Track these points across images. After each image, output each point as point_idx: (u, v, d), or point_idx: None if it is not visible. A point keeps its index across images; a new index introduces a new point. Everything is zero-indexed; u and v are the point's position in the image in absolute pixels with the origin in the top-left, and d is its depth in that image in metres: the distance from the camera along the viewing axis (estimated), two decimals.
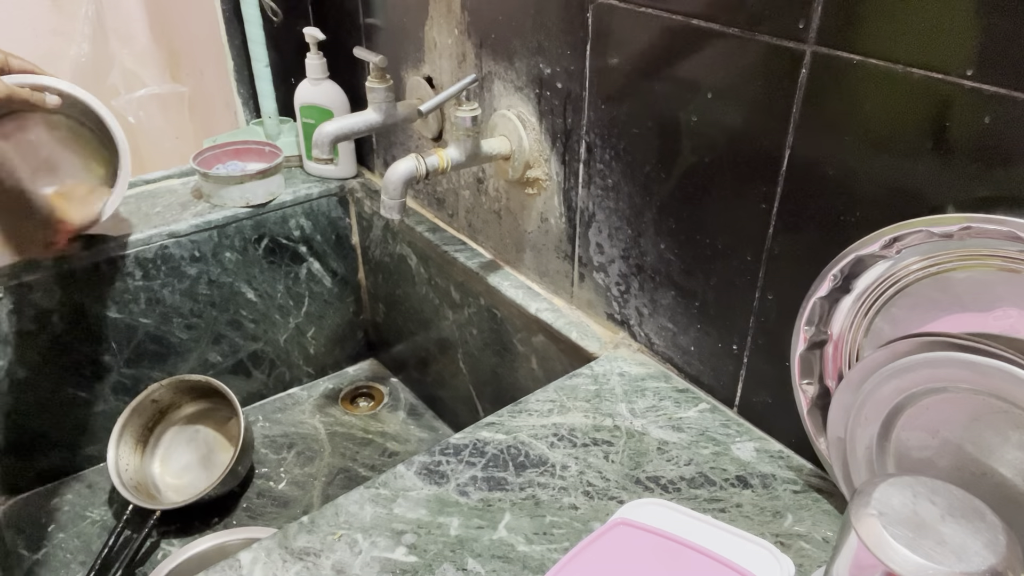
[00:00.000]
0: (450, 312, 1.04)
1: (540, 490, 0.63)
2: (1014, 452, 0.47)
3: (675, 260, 0.71)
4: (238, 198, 1.06)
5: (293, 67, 1.17)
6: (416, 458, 0.66)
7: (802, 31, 0.54)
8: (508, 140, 0.84)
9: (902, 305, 0.52)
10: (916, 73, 0.49)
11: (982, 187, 0.48)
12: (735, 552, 0.54)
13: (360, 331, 1.28)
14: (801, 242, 0.60)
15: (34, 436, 1.02)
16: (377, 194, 1.13)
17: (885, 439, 0.53)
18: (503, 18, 0.80)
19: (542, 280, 0.90)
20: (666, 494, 0.62)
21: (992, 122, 0.46)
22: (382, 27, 1.01)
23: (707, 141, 0.64)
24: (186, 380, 1.06)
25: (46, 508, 1.02)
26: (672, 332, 0.75)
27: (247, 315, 1.13)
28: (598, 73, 0.72)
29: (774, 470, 0.65)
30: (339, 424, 1.18)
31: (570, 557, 0.54)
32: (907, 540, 0.39)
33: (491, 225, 0.96)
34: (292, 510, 1.03)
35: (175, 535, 0.99)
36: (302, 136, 1.15)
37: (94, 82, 1.56)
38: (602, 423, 0.70)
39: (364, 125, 0.88)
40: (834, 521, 0.60)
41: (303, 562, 0.56)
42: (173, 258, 1.03)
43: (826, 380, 0.59)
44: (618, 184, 0.74)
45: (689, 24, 0.61)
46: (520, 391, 0.93)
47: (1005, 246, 0.46)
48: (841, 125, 0.54)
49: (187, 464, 1.07)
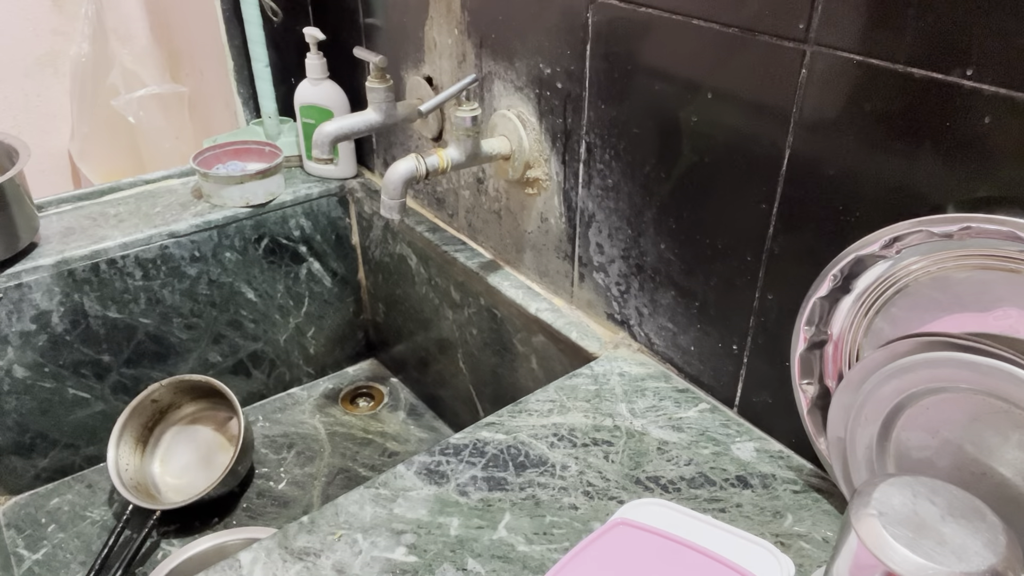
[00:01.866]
0: (450, 312, 1.04)
1: (540, 490, 0.63)
2: (1014, 452, 0.47)
3: (675, 260, 0.71)
4: (238, 198, 1.06)
5: (293, 67, 1.17)
6: (416, 458, 0.66)
7: (802, 31, 0.54)
8: (508, 140, 0.84)
9: (902, 305, 0.52)
10: (916, 73, 0.49)
11: (982, 187, 0.48)
12: (735, 552, 0.54)
13: (360, 331, 1.28)
14: (801, 242, 0.60)
15: (34, 436, 1.02)
16: (377, 194, 1.13)
17: (885, 439, 0.53)
18: (503, 18, 0.80)
19: (542, 280, 0.90)
20: (666, 494, 0.62)
21: (992, 122, 0.46)
22: (382, 27, 1.01)
23: (707, 141, 0.64)
24: (186, 380, 1.06)
25: (46, 508, 1.02)
26: (672, 332, 0.75)
27: (247, 315, 1.13)
28: (598, 73, 0.72)
29: (774, 470, 0.65)
30: (339, 424, 1.18)
31: (570, 557, 0.54)
32: (907, 540, 0.39)
33: (491, 225, 0.96)
34: (292, 510, 1.03)
35: (175, 535, 0.99)
36: (302, 136, 1.15)
37: (94, 82, 1.57)
38: (602, 423, 0.70)
39: (364, 125, 0.88)
40: (834, 521, 0.60)
41: (303, 562, 0.56)
42: (173, 258, 1.03)
43: (826, 380, 0.59)
44: (618, 184, 0.74)
45: (689, 24, 0.61)
46: (520, 391, 0.94)
47: (1005, 246, 0.46)
48: (841, 125, 0.54)
49: (187, 464, 1.07)
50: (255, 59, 1.12)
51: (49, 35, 1.55)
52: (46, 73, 1.58)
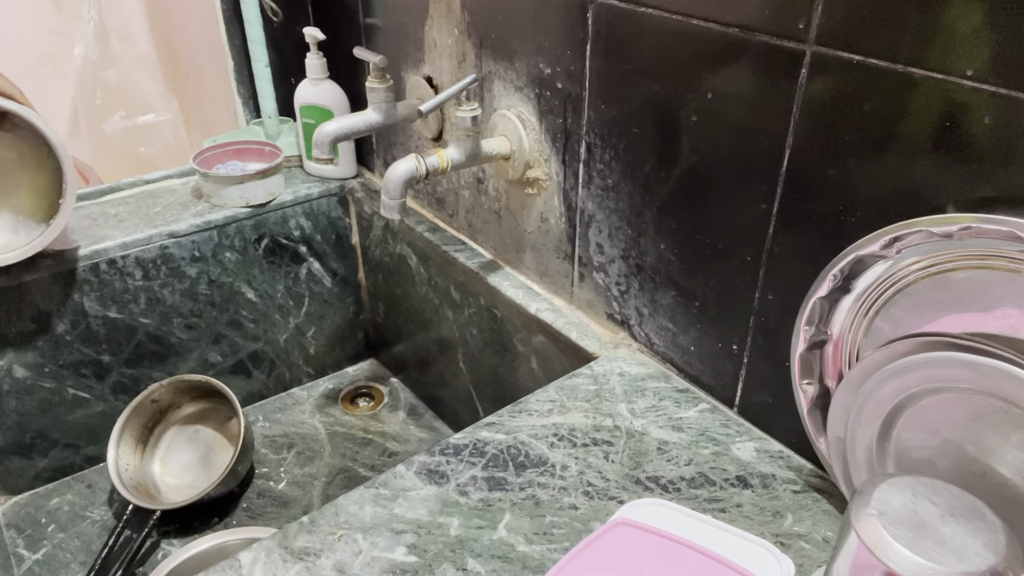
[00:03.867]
0: (450, 312, 1.04)
1: (540, 490, 0.63)
2: (1014, 452, 0.47)
3: (675, 260, 0.71)
4: (238, 198, 1.06)
5: (293, 67, 1.17)
6: (416, 458, 0.66)
7: (802, 31, 0.54)
8: (508, 140, 0.84)
9: (902, 305, 0.52)
10: (916, 73, 0.49)
11: (982, 187, 0.48)
12: (735, 552, 0.54)
13: (360, 331, 1.28)
14: (801, 242, 0.60)
15: (34, 436, 1.02)
16: (377, 194, 1.13)
17: (885, 439, 0.53)
18: (503, 18, 0.80)
19: (542, 280, 0.90)
20: (666, 494, 0.62)
21: (992, 122, 0.46)
22: (382, 27, 1.01)
23: (707, 141, 0.64)
24: (186, 380, 1.06)
25: (46, 508, 1.02)
26: (672, 332, 0.75)
27: (247, 315, 1.13)
28: (598, 73, 0.72)
29: (774, 470, 0.65)
30: (339, 424, 1.18)
31: (570, 557, 0.54)
32: (907, 540, 0.39)
33: (491, 225, 0.96)
34: (292, 510, 1.03)
35: (175, 535, 0.99)
36: (302, 136, 1.15)
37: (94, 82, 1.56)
38: (602, 423, 0.70)
39: (364, 125, 0.88)
40: (834, 521, 0.60)
41: (303, 562, 0.56)
42: (173, 258, 1.03)
43: (826, 380, 0.59)
44: (618, 184, 0.74)
45: (689, 24, 0.61)
46: (520, 391, 0.93)
47: (1005, 246, 0.46)
48: (841, 125, 0.54)
49: (187, 464, 1.07)
50: (255, 59, 1.12)
51: (49, 35, 1.55)
52: (46, 73, 1.57)
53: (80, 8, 1.54)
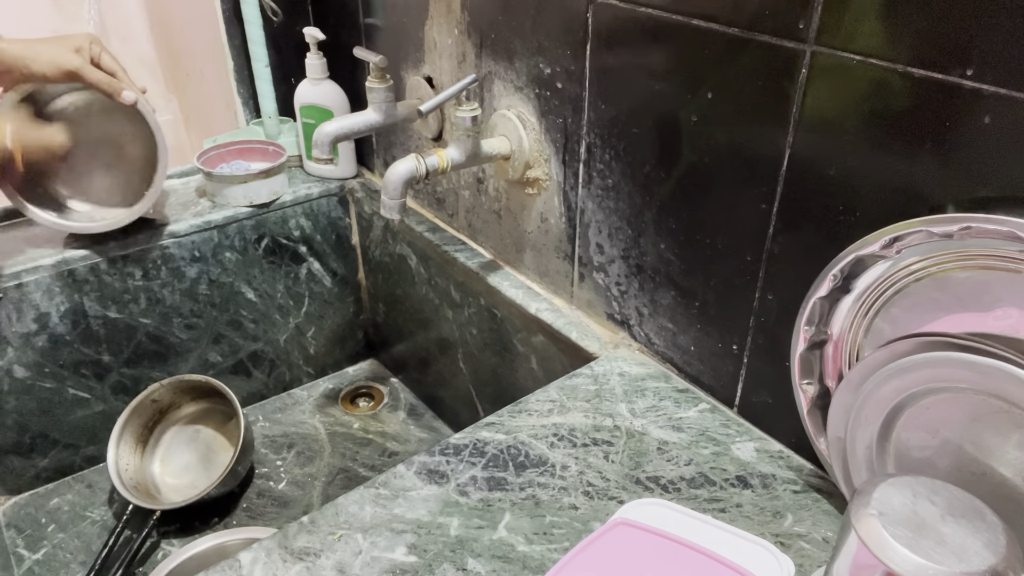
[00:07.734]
0: (450, 312, 1.04)
1: (540, 490, 0.63)
2: (1014, 452, 0.47)
3: (675, 260, 0.71)
4: (241, 198, 1.06)
5: (293, 67, 1.17)
6: (416, 458, 0.66)
7: (802, 31, 0.54)
8: (508, 140, 0.84)
9: (902, 305, 0.52)
10: (916, 73, 0.49)
11: (982, 187, 0.48)
12: (735, 552, 0.54)
13: (360, 331, 1.28)
14: (801, 242, 0.60)
15: (34, 436, 1.02)
16: (377, 194, 1.13)
17: (885, 439, 0.53)
18: (503, 18, 0.80)
19: (542, 280, 0.90)
20: (666, 494, 0.62)
21: (992, 122, 0.46)
22: (382, 27, 1.01)
23: (707, 141, 0.64)
24: (186, 380, 1.06)
25: (46, 508, 1.02)
26: (672, 332, 0.75)
27: (247, 315, 1.13)
28: (598, 73, 0.72)
29: (774, 470, 0.65)
30: (339, 424, 1.18)
31: (570, 557, 0.54)
32: (907, 540, 0.39)
33: (491, 225, 0.96)
34: (292, 510, 1.03)
35: (175, 535, 0.99)
36: (302, 136, 1.15)
37: None
38: (602, 423, 0.70)
39: (364, 125, 0.88)
40: (834, 521, 0.60)
41: (303, 562, 0.56)
42: (173, 258, 1.03)
43: (826, 380, 0.59)
44: (618, 184, 0.74)
45: (689, 24, 0.61)
46: (520, 391, 0.93)
47: (1005, 246, 0.46)
48: (841, 125, 0.54)
49: (187, 464, 1.07)
50: (255, 59, 1.13)
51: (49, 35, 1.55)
52: None
53: (80, 8, 1.54)
